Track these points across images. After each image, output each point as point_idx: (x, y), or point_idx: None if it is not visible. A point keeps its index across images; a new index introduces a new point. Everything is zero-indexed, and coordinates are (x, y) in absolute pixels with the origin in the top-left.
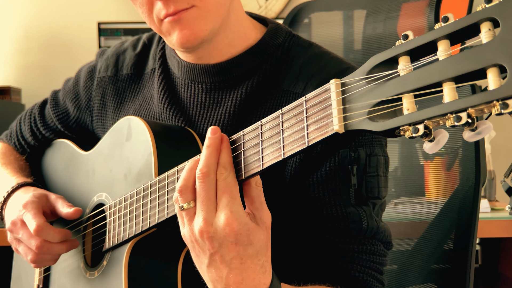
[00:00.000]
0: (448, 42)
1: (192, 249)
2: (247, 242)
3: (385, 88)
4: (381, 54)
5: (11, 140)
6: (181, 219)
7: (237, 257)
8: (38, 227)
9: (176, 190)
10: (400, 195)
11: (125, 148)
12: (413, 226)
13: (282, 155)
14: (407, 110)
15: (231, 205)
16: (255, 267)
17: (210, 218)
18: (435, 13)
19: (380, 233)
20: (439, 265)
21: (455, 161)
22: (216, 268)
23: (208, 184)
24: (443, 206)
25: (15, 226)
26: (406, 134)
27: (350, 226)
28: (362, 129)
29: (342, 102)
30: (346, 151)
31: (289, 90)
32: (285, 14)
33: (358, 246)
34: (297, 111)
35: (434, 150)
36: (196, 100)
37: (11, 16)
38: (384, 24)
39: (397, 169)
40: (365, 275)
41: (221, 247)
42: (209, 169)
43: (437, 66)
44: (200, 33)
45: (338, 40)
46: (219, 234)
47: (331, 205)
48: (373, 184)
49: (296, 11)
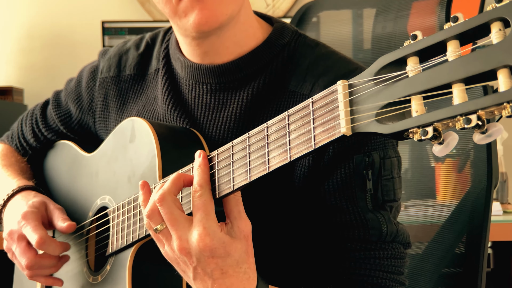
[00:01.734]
0: (458, 42)
1: (177, 266)
2: (224, 254)
3: (393, 90)
4: (389, 54)
5: (12, 142)
6: (159, 241)
7: (217, 269)
8: (41, 239)
9: (144, 216)
10: (410, 197)
11: (128, 150)
12: (424, 229)
13: (288, 158)
14: (416, 112)
15: (205, 221)
16: (238, 275)
17: (183, 235)
18: (446, 12)
19: (400, 235)
20: (450, 269)
21: (466, 162)
22: (201, 280)
23: (166, 206)
24: (454, 209)
25: (11, 238)
26: (415, 136)
27: (370, 233)
28: (370, 132)
29: (349, 103)
30: (360, 156)
31: (295, 91)
32: (293, 13)
33: (379, 252)
34: (304, 113)
35: (444, 153)
36: (201, 101)
37: (13, 15)
38: (394, 23)
39: (408, 171)
40: (388, 280)
41: (200, 262)
42: (164, 193)
43: (447, 67)
44: (220, 16)
45: (347, 40)
46: (195, 249)
47: (349, 212)
48: (388, 187)
49: (304, 10)
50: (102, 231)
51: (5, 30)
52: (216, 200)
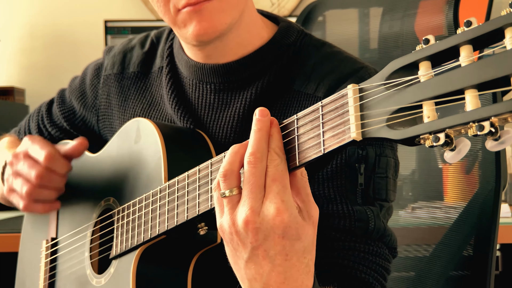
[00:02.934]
0: (471, 47)
1: (229, 241)
2: (295, 236)
3: (404, 95)
4: (401, 59)
5: (19, 136)
6: (221, 207)
7: (282, 252)
8: (49, 154)
9: (219, 174)
10: (417, 199)
11: (133, 151)
12: (431, 231)
13: (297, 163)
14: (427, 118)
15: (283, 194)
16: (300, 266)
17: (257, 207)
18: (454, 11)
19: (387, 236)
20: (458, 272)
21: (474, 164)
22: (256, 264)
23: (259, 170)
24: (462, 210)
25: (17, 157)
26: (426, 143)
27: (356, 225)
28: (380, 137)
29: (359, 108)
30: (353, 148)
31: (300, 91)
32: (298, 12)
33: (364, 246)
34: (313, 117)
35: (456, 159)
36: (205, 101)
37: (15, 14)
38: (401, 22)
39: (415, 172)
40: (371, 277)
41: (266, 240)
42: (262, 154)
43: (459, 72)
44: (219, 26)
45: (354, 39)
46: (266, 225)
47: (337, 202)
48: (381, 186)
49: (310, 9)
50: (106, 233)
51: (6, 30)
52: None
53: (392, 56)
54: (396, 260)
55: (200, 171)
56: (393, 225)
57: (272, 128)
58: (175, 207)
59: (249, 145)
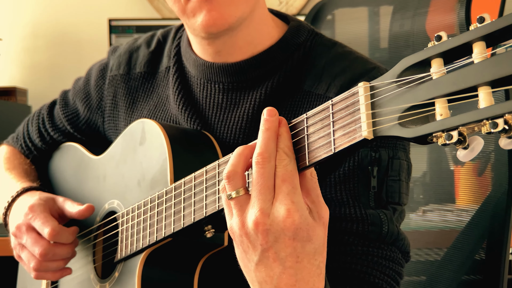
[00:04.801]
0: (484, 44)
1: (239, 243)
2: (306, 238)
3: (416, 92)
4: (413, 56)
5: (17, 142)
6: (229, 209)
7: (293, 254)
8: (53, 230)
9: (224, 176)
10: (429, 202)
11: (138, 153)
12: (443, 234)
13: (307, 162)
14: (440, 115)
15: (293, 195)
16: (311, 268)
17: (267, 208)
18: (466, 9)
19: (400, 240)
20: (470, 276)
21: (487, 166)
22: (266, 266)
23: (267, 170)
24: (474, 213)
25: (19, 230)
26: (439, 141)
27: (369, 229)
28: (392, 135)
29: (371, 106)
30: (366, 150)
31: (311, 91)
32: (307, 11)
33: (378, 251)
34: (323, 116)
35: (469, 158)
36: (213, 101)
37: (18, 13)
38: (412, 21)
39: (426, 174)
40: (384, 282)
41: (276, 242)
42: (270, 154)
43: (472, 69)
44: (228, 18)
45: (363, 38)
46: (276, 227)
47: (349, 206)
48: (394, 189)
49: (318, 7)
50: (110, 236)
51: (8, 29)
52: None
53: (402, 56)
54: (407, 264)
55: (207, 172)
56: (404, 229)
57: (280, 127)
58: (182, 209)
59: (257, 145)
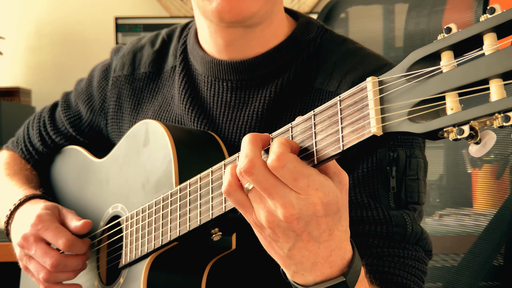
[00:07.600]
0: (495, 35)
1: (266, 236)
2: (335, 210)
3: (426, 86)
4: (422, 49)
5: (17, 147)
6: (247, 205)
7: (326, 230)
8: (68, 241)
9: (241, 169)
10: (445, 206)
11: (142, 155)
12: (460, 239)
13: (315, 161)
14: (451, 109)
15: (312, 183)
16: (341, 235)
17: (291, 199)
18: (484, 7)
19: (424, 239)
20: (488, 282)
21: (505, 168)
22: (300, 249)
23: (260, 175)
24: (492, 218)
25: (27, 241)
26: (450, 136)
27: (394, 230)
28: (402, 131)
29: (380, 102)
30: (384, 150)
31: (321, 89)
32: (319, 8)
33: (403, 251)
34: (331, 112)
35: (481, 153)
36: (220, 100)
37: (21, 11)
38: (428, 19)
39: (442, 177)
40: (412, 282)
41: (308, 225)
42: (253, 162)
43: (483, 61)
44: (245, 10)
45: (378, 37)
46: (306, 212)
47: (371, 208)
48: (413, 188)
49: (332, 5)
50: (115, 241)
51: (12, 27)
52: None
53: None
54: None
55: (213, 173)
56: None
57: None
58: (187, 211)
59: (240, 159)
